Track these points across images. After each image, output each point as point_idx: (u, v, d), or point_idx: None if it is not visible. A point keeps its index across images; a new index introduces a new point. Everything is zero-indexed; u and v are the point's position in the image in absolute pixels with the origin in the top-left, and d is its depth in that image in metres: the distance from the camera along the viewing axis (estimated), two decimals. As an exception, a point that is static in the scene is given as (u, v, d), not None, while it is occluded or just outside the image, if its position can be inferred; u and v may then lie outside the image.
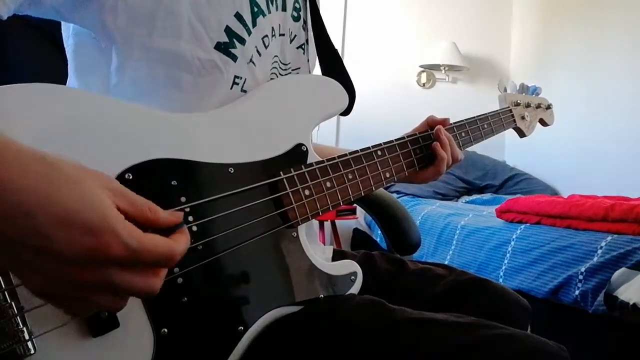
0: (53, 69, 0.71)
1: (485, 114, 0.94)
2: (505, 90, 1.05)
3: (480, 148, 3.23)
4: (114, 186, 0.39)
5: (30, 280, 0.37)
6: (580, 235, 1.67)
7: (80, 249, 0.35)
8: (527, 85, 1.09)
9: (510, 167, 3.32)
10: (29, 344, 0.41)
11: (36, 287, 0.38)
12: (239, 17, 0.62)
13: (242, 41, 0.63)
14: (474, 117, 0.91)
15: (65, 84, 0.64)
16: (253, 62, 0.65)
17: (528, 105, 1.06)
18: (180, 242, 0.40)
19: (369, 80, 3.14)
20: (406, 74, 3.44)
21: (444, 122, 0.84)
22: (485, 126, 0.92)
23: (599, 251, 1.55)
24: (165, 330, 0.49)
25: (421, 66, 3.40)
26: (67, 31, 0.63)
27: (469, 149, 0.88)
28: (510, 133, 1.04)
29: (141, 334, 0.48)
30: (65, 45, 0.64)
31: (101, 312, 0.45)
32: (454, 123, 0.87)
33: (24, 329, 0.41)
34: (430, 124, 0.84)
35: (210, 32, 0.60)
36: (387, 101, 3.28)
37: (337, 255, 0.80)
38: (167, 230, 0.40)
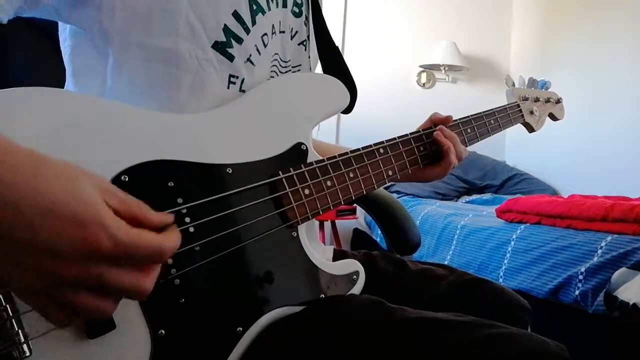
0: (53, 70, 0.71)
1: (492, 109, 0.93)
2: (513, 84, 1.03)
3: (480, 148, 3.24)
4: (105, 186, 0.39)
5: (12, 277, 0.37)
6: (580, 235, 1.67)
7: (68, 241, 0.35)
8: (536, 80, 1.07)
9: (510, 167, 3.32)
10: (25, 346, 0.41)
11: (19, 283, 0.37)
12: (237, 16, 0.62)
13: (240, 40, 0.63)
14: (480, 112, 0.90)
15: (64, 84, 0.64)
16: (251, 61, 0.64)
17: (537, 100, 1.04)
18: (171, 238, 0.40)
19: (369, 80, 3.13)
20: (406, 74, 3.43)
21: (446, 119, 0.83)
22: (492, 122, 0.91)
23: (599, 251, 1.54)
24: (163, 331, 0.49)
25: (421, 66, 3.40)
26: (64, 34, 0.62)
27: (469, 148, 0.87)
28: (510, 133, 1.03)
29: (138, 335, 0.48)
30: (62, 48, 0.63)
31: (90, 319, 0.43)
32: (460, 119, 0.86)
33: (20, 331, 0.41)
34: (434, 122, 0.84)
35: (209, 30, 0.59)
36: (387, 101, 3.28)
37: (338, 255, 0.80)
38: (158, 230, 0.40)
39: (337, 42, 3.32)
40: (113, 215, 0.37)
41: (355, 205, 2.46)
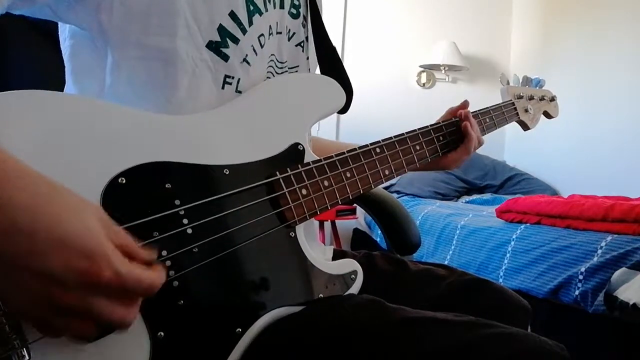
0: (54, 69, 0.71)
1: (487, 107, 0.94)
2: (507, 83, 1.04)
3: (480, 148, 3.24)
4: (102, 217, 0.41)
5: (9, 299, 0.38)
6: (580, 235, 1.66)
7: (74, 272, 0.36)
8: (530, 78, 1.07)
9: (510, 167, 3.32)
10: (24, 350, 0.41)
11: (14, 306, 0.38)
12: (233, 16, 0.62)
13: (236, 40, 0.62)
14: (476, 111, 0.90)
15: (64, 83, 0.64)
16: (247, 62, 0.64)
17: (531, 98, 1.04)
18: (159, 274, 0.42)
19: (369, 80, 3.13)
20: (406, 74, 3.43)
21: (463, 105, 0.88)
22: (488, 120, 0.92)
23: (599, 251, 1.54)
24: (162, 333, 0.49)
25: (421, 66, 3.40)
26: (64, 34, 0.62)
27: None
28: (510, 133, 1.04)
29: (137, 337, 0.48)
30: (62, 48, 0.63)
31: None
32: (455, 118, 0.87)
33: (18, 335, 0.40)
34: (452, 114, 0.87)
35: (203, 30, 0.60)
36: (387, 101, 3.28)
37: (338, 255, 0.80)
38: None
39: (337, 42, 3.32)
40: (115, 249, 0.39)
41: (355, 205, 2.46)
